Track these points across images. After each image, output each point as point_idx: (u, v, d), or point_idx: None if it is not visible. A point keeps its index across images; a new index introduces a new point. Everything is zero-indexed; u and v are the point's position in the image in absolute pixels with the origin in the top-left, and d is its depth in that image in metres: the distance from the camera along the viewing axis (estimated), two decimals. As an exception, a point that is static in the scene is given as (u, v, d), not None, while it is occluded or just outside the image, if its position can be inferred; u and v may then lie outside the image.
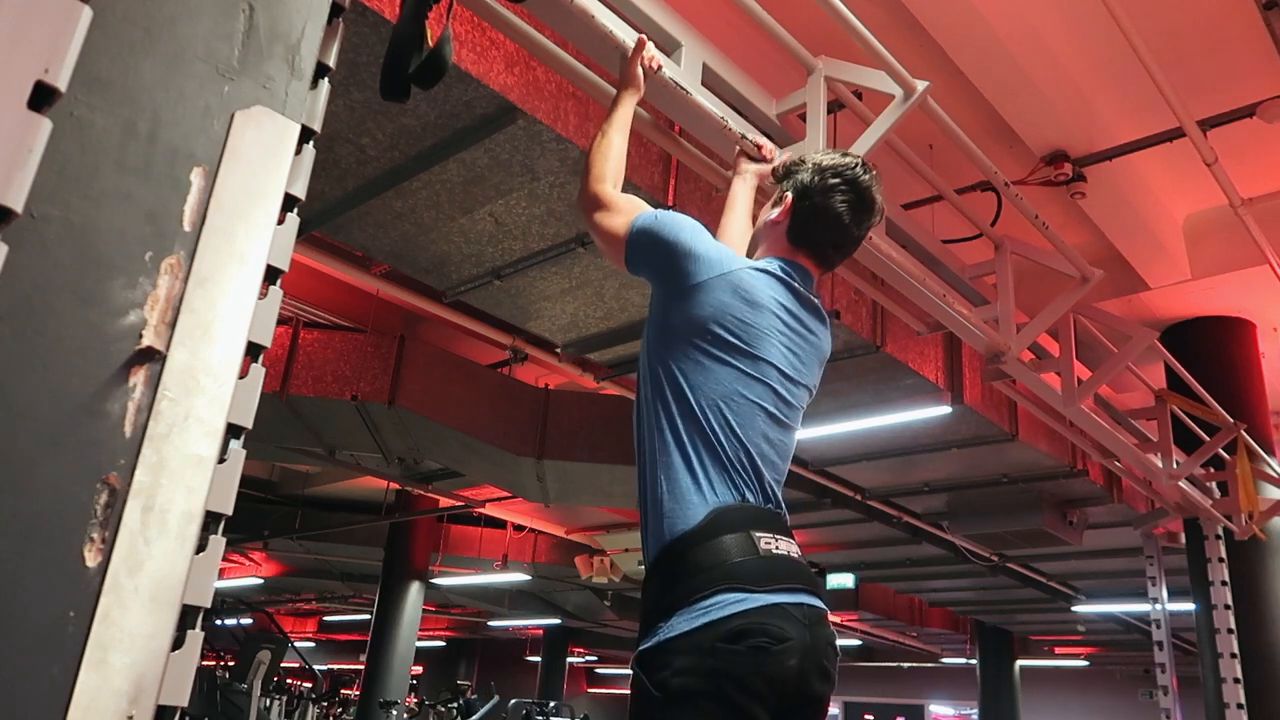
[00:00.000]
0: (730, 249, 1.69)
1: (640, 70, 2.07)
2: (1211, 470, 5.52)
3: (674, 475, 1.50)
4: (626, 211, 1.73)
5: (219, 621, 9.53)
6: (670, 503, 1.48)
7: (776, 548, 1.47)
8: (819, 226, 1.73)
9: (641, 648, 1.42)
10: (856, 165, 1.73)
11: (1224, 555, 5.56)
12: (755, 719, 1.35)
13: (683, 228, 1.65)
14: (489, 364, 7.32)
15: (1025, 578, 9.80)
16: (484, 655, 23.19)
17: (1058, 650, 16.61)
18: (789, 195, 1.75)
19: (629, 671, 1.51)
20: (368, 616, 11.63)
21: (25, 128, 0.85)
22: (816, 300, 1.74)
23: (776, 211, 1.76)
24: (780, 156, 2.42)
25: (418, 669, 20.58)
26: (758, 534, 1.46)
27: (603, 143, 1.87)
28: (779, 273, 1.68)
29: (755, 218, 1.97)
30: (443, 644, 22.64)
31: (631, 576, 10.67)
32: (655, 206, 1.75)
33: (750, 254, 1.80)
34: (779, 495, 1.58)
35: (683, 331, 1.58)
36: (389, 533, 11.19)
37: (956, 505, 7.32)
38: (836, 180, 1.71)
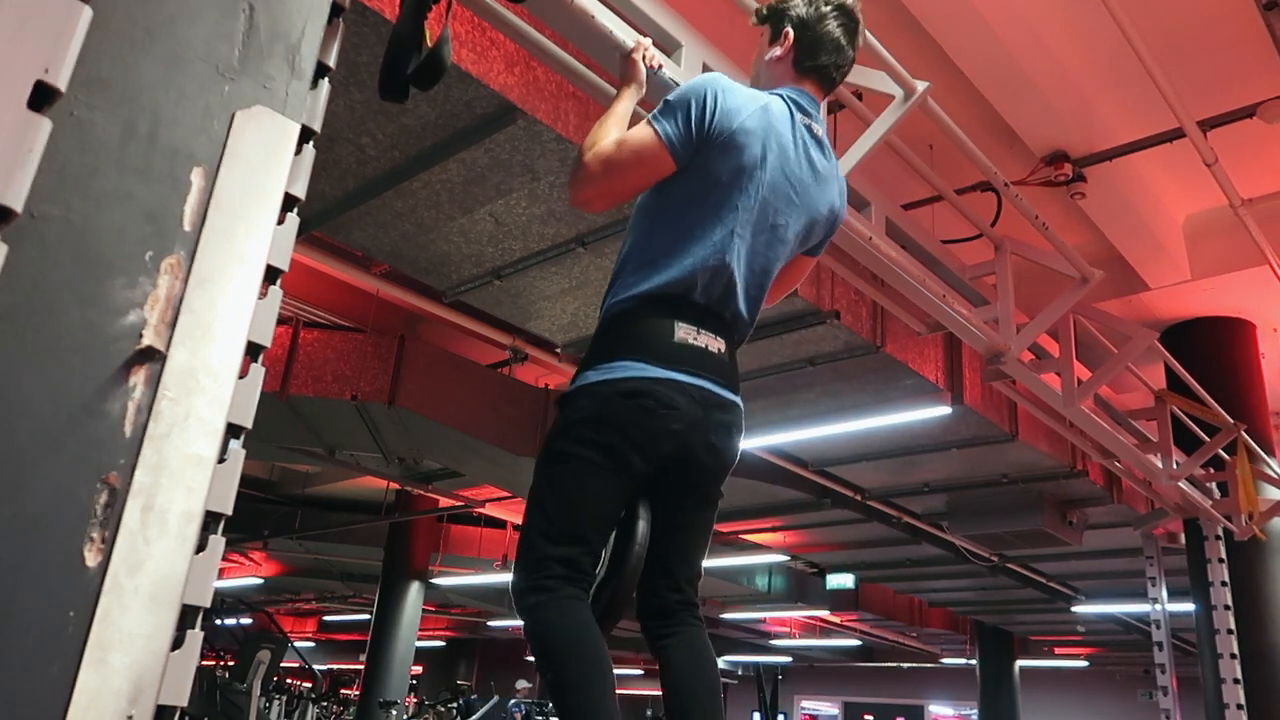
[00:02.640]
0: (745, 88, 1.79)
1: (642, 68, 2.07)
2: (1211, 471, 5.52)
3: (631, 264, 1.71)
4: (638, 128, 1.76)
5: (219, 621, 9.54)
6: (620, 285, 1.70)
7: (694, 339, 1.66)
8: (822, 52, 1.88)
9: (562, 393, 1.70)
10: None
11: (1224, 556, 5.56)
12: (627, 459, 1.59)
13: (705, 90, 1.72)
14: (489, 364, 7.32)
15: (1025, 578, 9.80)
16: (484, 655, 23.17)
17: (1058, 651, 16.59)
18: (790, 30, 1.88)
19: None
20: (368, 616, 11.63)
21: (25, 128, 0.85)
22: (822, 131, 1.87)
23: (778, 49, 1.89)
24: None
25: (418, 669, 20.58)
26: (680, 324, 1.65)
27: (599, 130, 1.83)
28: (786, 107, 1.80)
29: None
30: (443, 644, 22.63)
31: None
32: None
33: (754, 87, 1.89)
34: (735, 303, 1.73)
35: (692, 171, 1.72)
36: (389, 533, 11.19)
37: (956, 505, 7.32)
38: (829, 8, 1.88)
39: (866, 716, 20.95)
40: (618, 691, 1.52)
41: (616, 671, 1.54)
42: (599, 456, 1.59)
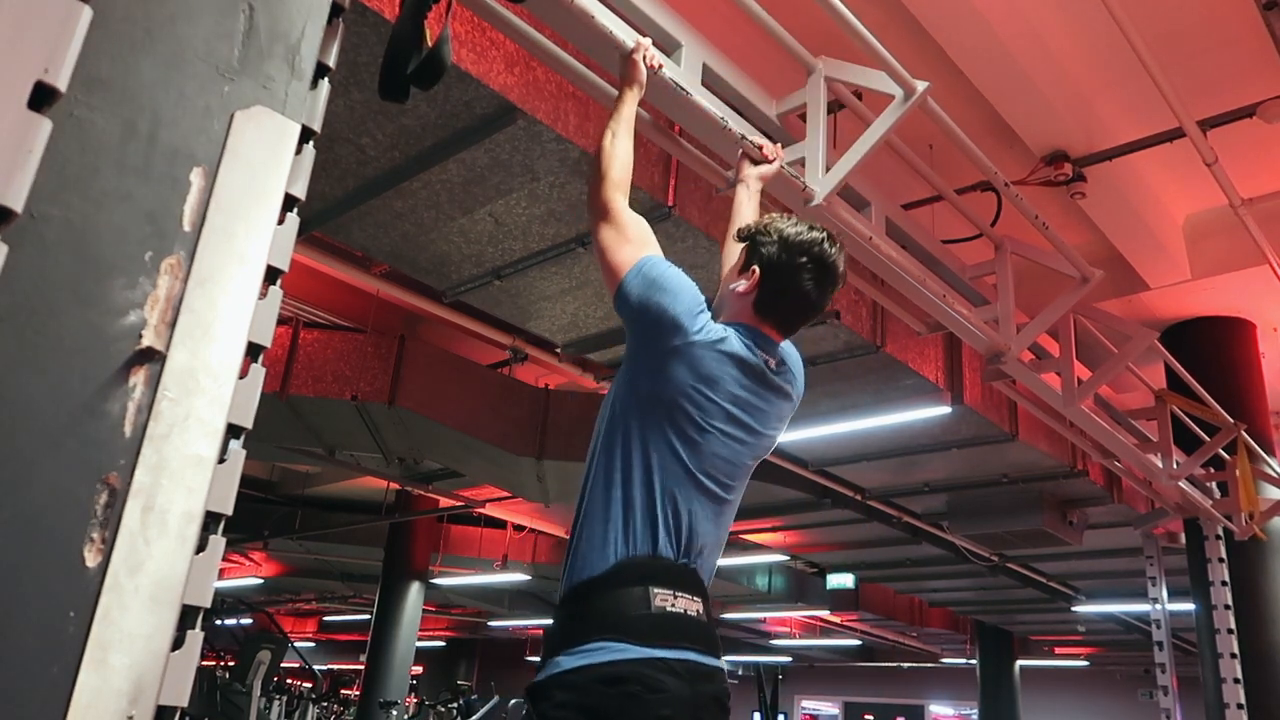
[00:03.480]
0: (706, 316, 1.69)
1: (643, 68, 2.08)
2: (1211, 470, 5.52)
3: (595, 525, 1.59)
4: (634, 243, 1.73)
5: (219, 621, 9.54)
6: (586, 549, 1.58)
7: (672, 605, 1.55)
8: (785, 303, 1.77)
9: (532, 682, 1.54)
10: (823, 241, 1.77)
11: (1224, 555, 5.56)
12: None
13: (680, 297, 1.65)
14: (489, 364, 7.32)
15: (1025, 578, 9.80)
16: (484, 655, 23.18)
17: (1058, 650, 16.59)
18: (756, 270, 1.77)
19: None
20: (368, 616, 11.63)
21: (25, 128, 0.85)
22: (777, 367, 1.77)
23: (744, 284, 1.78)
24: (779, 158, 2.42)
25: (418, 669, 20.59)
26: (656, 589, 1.54)
27: (613, 145, 1.87)
28: (741, 344, 1.70)
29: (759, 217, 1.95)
30: (443, 644, 22.63)
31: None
32: (656, 207, 1.76)
33: (715, 314, 1.78)
34: (702, 555, 1.65)
35: (645, 397, 1.65)
36: (389, 533, 11.19)
37: (956, 505, 7.32)
38: (804, 259, 1.75)
39: (867, 716, 20.95)
40: None
41: None
42: None
